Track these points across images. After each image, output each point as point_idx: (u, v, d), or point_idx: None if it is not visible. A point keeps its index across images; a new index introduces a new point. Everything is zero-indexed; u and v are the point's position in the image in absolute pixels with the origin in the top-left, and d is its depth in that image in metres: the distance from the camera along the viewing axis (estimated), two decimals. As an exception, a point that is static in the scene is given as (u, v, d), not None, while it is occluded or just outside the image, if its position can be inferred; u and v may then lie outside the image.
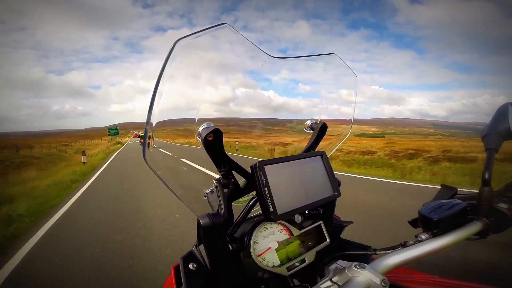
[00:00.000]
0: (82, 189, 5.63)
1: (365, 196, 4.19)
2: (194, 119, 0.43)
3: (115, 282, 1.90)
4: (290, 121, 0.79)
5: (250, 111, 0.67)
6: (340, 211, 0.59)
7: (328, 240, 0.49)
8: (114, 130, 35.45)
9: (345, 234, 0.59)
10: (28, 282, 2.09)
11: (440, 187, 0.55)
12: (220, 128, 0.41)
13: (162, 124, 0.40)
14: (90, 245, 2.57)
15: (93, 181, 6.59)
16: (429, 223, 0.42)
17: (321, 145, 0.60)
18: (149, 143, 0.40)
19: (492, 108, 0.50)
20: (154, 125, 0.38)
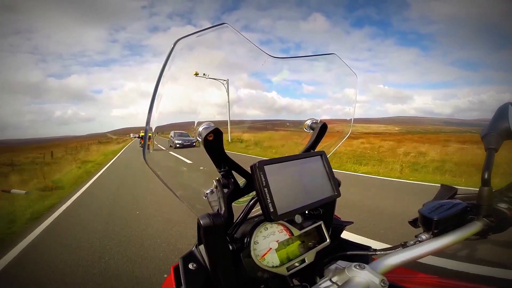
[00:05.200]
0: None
1: None
2: (194, 121, 0.42)
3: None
4: (289, 121, 0.78)
5: (251, 113, 0.67)
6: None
7: (328, 240, 0.49)
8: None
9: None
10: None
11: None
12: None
13: (161, 126, 0.39)
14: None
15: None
16: (429, 223, 0.42)
17: (321, 145, 0.60)
18: (149, 144, 0.40)
19: (498, 105, 0.50)
20: (154, 126, 0.38)
